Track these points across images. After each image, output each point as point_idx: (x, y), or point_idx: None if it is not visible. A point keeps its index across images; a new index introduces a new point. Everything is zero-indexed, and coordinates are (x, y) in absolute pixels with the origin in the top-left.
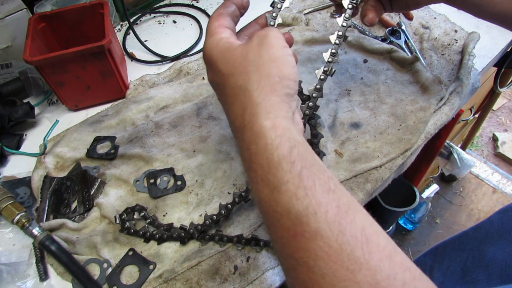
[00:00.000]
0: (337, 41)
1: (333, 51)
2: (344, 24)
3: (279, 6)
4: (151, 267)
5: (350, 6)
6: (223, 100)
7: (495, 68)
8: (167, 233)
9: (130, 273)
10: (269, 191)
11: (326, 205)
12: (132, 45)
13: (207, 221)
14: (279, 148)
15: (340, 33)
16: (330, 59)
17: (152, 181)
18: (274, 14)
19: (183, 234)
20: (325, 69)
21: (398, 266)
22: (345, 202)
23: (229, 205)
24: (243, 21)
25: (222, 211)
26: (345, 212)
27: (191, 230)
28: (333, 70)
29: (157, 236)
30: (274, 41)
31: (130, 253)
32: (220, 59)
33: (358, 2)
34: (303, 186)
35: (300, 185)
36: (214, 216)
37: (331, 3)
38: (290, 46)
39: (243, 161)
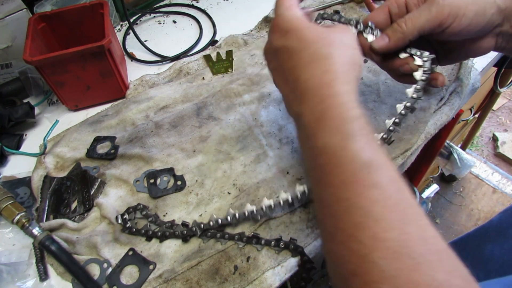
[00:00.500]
0: (403, 112)
1: (397, 120)
2: (415, 95)
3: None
4: (151, 267)
5: (424, 77)
6: (292, 64)
7: (495, 68)
8: (169, 231)
9: (130, 273)
10: (341, 138)
11: (388, 166)
12: (132, 45)
13: (211, 223)
14: (353, 110)
15: (408, 104)
16: (392, 128)
17: (152, 181)
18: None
19: (185, 231)
20: (384, 136)
21: (440, 235)
22: (399, 175)
23: (237, 215)
24: (244, 18)
25: (229, 217)
26: (401, 179)
27: (194, 228)
28: (392, 139)
29: (159, 233)
30: (351, 36)
31: (130, 253)
32: (306, 27)
33: (433, 71)
34: (371, 145)
35: (369, 143)
36: (219, 220)
37: (331, 3)
38: None
39: (311, 115)
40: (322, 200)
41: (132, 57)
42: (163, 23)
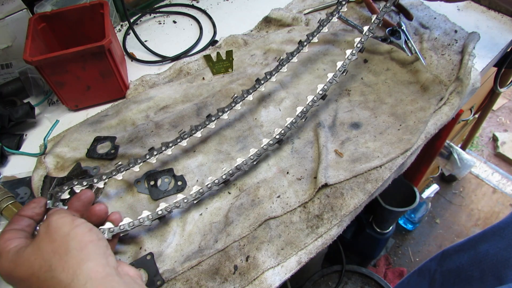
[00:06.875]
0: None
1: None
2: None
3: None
4: (158, 282)
5: None
6: None
7: (495, 68)
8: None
9: None
10: None
11: None
12: (132, 45)
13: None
14: None
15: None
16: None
17: (152, 183)
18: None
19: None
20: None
21: None
22: None
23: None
24: (244, 18)
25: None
26: None
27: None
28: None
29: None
30: (60, 222)
31: (148, 257)
32: (12, 268)
33: None
34: None
35: None
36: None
37: (331, 3)
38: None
39: None
40: None
41: (132, 57)
42: (163, 23)
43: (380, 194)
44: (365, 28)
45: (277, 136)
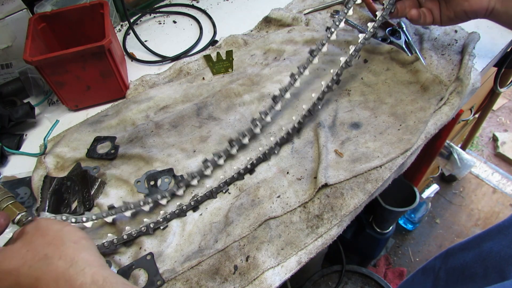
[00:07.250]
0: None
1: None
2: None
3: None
4: (158, 282)
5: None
6: None
7: (495, 68)
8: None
9: (135, 276)
10: None
11: None
12: (132, 45)
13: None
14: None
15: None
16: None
17: (152, 183)
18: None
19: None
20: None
21: None
22: None
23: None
24: (244, 18)
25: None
26: None
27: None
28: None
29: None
30: (49, 221)
31: (148, 257)
32: None
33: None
34: None
35: None
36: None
37: (331, 3)
38: None
39: None
40: None
41: (132, 57)
42: (163, 23)
43: (380, 194)
44: (342, 59)
45: (249, 166)
